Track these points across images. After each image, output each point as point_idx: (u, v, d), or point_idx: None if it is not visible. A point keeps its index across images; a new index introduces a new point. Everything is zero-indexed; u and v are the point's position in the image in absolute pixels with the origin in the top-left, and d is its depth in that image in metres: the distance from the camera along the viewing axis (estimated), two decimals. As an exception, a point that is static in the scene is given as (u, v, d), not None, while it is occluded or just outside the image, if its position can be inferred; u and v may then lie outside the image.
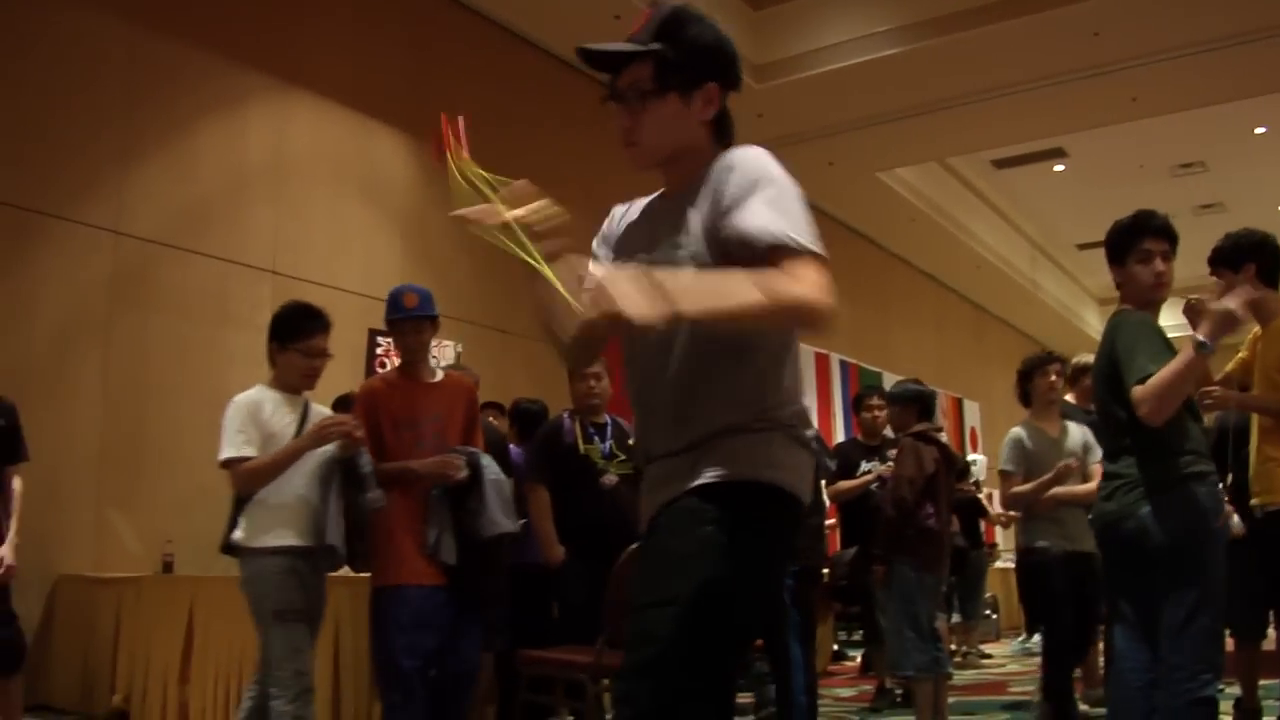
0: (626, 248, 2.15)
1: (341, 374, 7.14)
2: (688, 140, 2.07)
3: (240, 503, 4.12)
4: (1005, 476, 5.19)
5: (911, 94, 10.05)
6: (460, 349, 7.97)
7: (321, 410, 4.43)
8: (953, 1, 9.09)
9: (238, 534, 4.07)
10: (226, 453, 4.00)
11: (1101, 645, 5.15)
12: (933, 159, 12.87)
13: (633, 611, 1.91)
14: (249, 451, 3.99)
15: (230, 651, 5.31)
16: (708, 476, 1.93)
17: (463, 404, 4.61)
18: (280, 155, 7.07)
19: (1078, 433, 5.25)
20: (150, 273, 6.20)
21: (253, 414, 4.05)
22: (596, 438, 5.36)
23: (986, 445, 15.67)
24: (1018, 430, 5.30)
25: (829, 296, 1.77)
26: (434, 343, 7.87)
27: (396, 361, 7.84)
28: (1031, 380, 5.33)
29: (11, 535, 4.75)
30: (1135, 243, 3.58)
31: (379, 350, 7.60)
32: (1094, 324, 18.80)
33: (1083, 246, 17.08)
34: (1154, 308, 3.53)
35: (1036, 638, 9.92)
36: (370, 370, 7.50)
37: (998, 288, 16.45)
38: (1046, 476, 4.99)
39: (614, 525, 4.89)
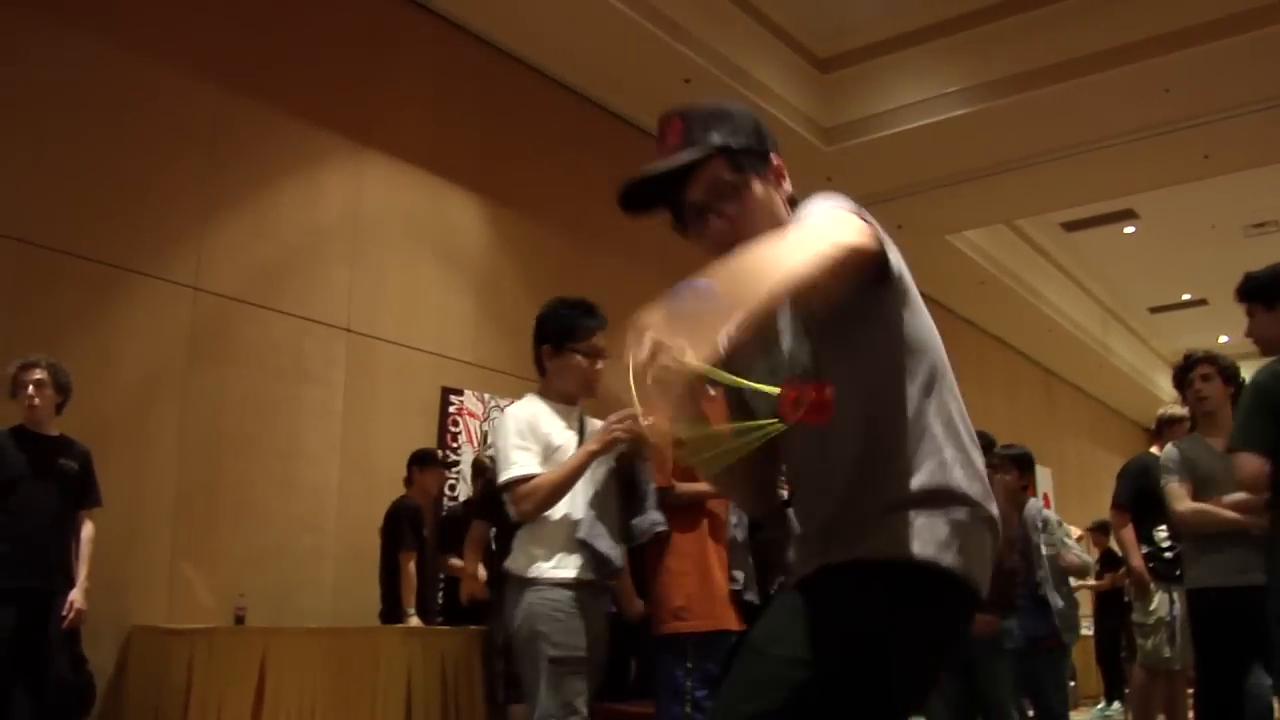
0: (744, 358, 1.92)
1: (415, 431, 7.23)
2: (781, 219, 1.92)
3: (508, 529, 3.64)
4: (1174, 492, 4.59)
5: (980, 155, 10.03)
6: (529, 408, 7.99)
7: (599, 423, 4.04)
8: (1021, 61, 9.08)
9: (516, 563, 3.57)
10: (511, 472, 3.48)
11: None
12: (1002, 221, 12.81)
13: (751, 651, 1.74)
14: (535, 468, 3.48)
15: (301, 704, 5.32)
16: (881, 552, 1.75)
17: None
18: (356, 215, 7.19)
19: None
20: (228, 329, 6.31)
21: (532, 427, 3.57)
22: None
23: (1059, 510, 15.42)
24: (1172, 443, 4.80)
25: (853, 233, 1.63)
26: (505, 403, 7.95)
27: (470, 420, 8.00)
28: (1185, 394, 4.80)
29: (82, 580, 4.82)
30: None
31: (451, 409, 7.65)
32: (1166, 388, 18.41)
33: (1155, 310, 16.86)
34: None
35: (1117, 705, 9.69)
36: (444, 428, 7.54)
37: (1069, 352, 16.26)
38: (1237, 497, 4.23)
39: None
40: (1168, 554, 5.85)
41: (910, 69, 9.71)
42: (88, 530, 4.93)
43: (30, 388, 4.79)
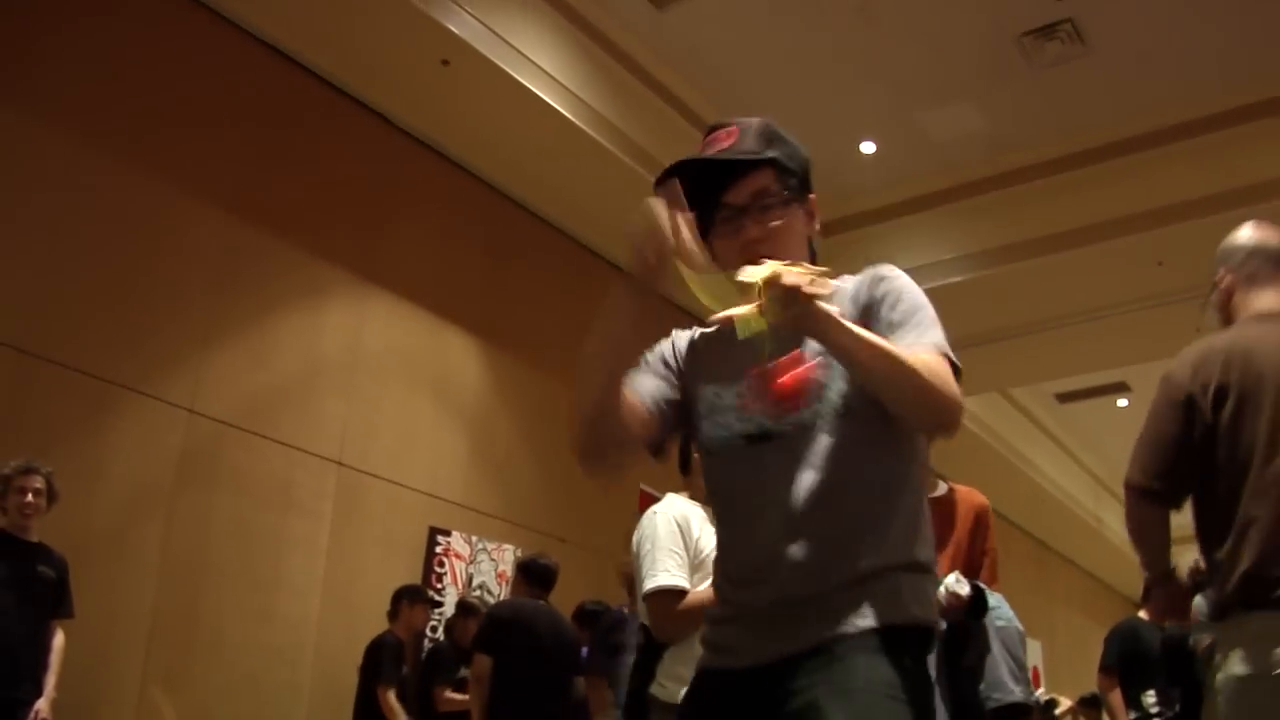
0: (726, 369, 1.97)
1: (399, 569, 7.15)
2: (801, 257, 1.93)
3: (654, 649, 3.28)
4: None
5: (975, 323, 10.10)
6: (520, 553, 7.93)
7: None
8: (1017, 230, 9.26)
9: (664, 689, 3.17)
10: (658, 580, 3.12)
11: None
12: (995, 389, 12.86)
13: None
14: (685, 582, 3.11)
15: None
16: (875, 620, 1.79)
17: (969, 524, 3.67)
18: (355, 349, 7.24)
19: None
20: (219, 453, 6.29)
21: (684, 530, 3.23)
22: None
23: (1050, 685, 15.15)
24: (1201, 595, 4.80)
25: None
26: (492, 546, 7.88)
27: (456, 561, 7.90)
28: None
29: (49, 690, 4.73)
30: None
31: (438, 549, 7.58)
32: (1161, 567, 18.33)
33: (1147, 485, 16.80)
34: None
35: None
36: (429, 568, 7.46)
37: (1061, 523, 16.15)
38: None
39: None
40: (1156, 719, 5.75)
41: (907, 235, 9.89)
42: (58, 640, 4.86)
43: (30, 495, 4.83)
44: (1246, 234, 3.08)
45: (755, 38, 8.11)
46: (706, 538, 3.23)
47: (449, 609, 7.35)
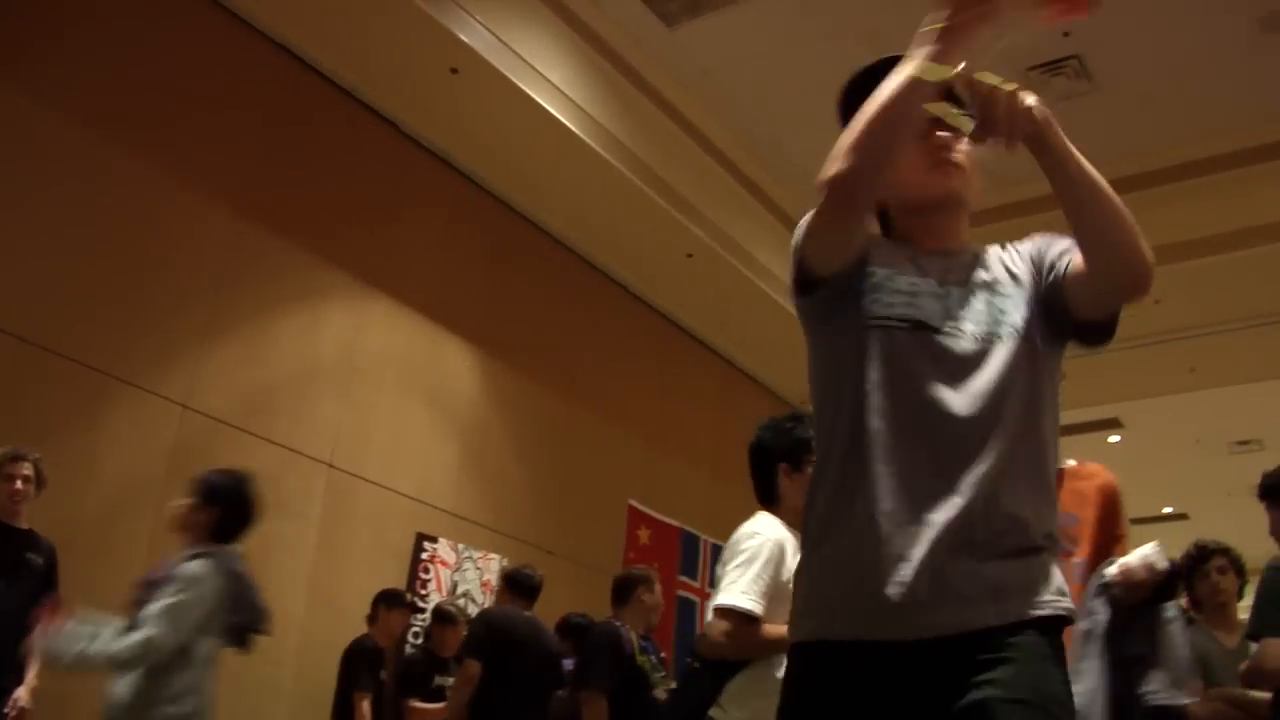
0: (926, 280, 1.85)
1: (385, 574, 7.14)
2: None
3: (716, 673, 3.07)
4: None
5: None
6: (505, 563, 7.93)
7: None
8: (1015, 264, 9.28)
9: (728, 715, 3.00)
10: (736, 600, 2.97)
11: None
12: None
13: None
14: (760, 610, 2.95)
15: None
16: (1051, 608, 1.67)
17: (1095, 506, 3.24)
18: (352, 353, 7.24)
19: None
20: (212, 450, 6.26)
21: (781, 559, 3.04)
22: (649, 651, 5.27)
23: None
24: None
25: None
26: (479, 555, 7.88)
27: (441, 568, 7.89)
28: (1193, 585, 4.44)
29: (31, 678, 4.72)
30: None
31: (424, 555, 7.57)
32: (1147, 604, 18.32)
33: (1135, 521, 16.80)
34: None
35: None
36: (414, 574, 7.45)
37: (1049, 558, 16.16)
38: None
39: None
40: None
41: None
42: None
43: (19, 481, 4.84)
44: None
45: (764, 59, 8.14)
46: (790, 568, 3.00)
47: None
